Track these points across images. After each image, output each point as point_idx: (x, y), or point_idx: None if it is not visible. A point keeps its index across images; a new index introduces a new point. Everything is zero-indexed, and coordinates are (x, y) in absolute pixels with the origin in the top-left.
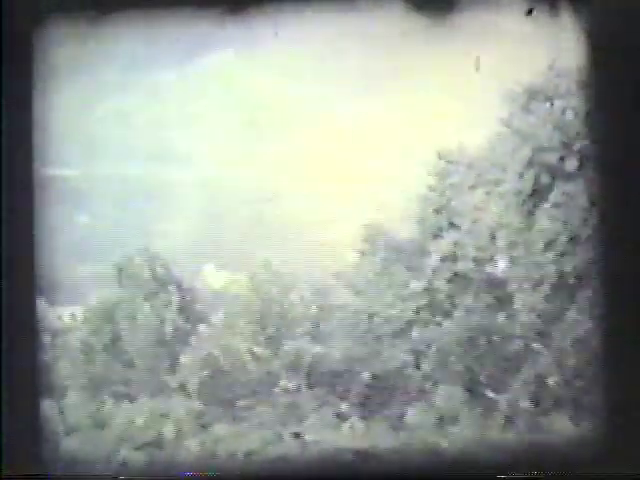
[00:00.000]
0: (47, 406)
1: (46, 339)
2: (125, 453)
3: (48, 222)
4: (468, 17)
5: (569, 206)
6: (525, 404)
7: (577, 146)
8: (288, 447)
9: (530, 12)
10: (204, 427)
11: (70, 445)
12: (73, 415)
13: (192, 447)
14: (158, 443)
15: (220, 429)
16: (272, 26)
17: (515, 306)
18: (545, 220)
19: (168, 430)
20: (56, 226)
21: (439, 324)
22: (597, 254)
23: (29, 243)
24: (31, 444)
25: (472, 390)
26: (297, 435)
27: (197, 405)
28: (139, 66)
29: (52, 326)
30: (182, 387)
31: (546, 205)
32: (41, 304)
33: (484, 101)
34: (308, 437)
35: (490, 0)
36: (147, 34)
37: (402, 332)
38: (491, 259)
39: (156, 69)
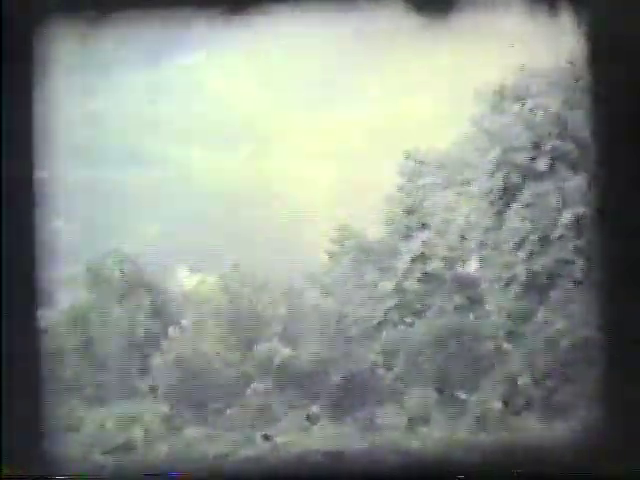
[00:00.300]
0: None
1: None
2: (98, 456)
3: (26, 224)
4: (466, 18)
5: (539, 206)
6: (496, 404)
7: (548, 146)
8: (259, 449)
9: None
10: (175, 430)
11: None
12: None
13: (163, 450)
14: (129, 446)
15: (191, 432)
16: (272, 26)
17: (486, 306)
18: (515, 220)
19: (139, 433)
20: (31, 228)
21: (410, 325)
22: (596, 254)
23: (25, 246)
24: (31, 444)
25: (443, 391)
26: (267, 437)
27: (168, 408)
28: (116, 68)
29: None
30: (153, 390)
31: (516, 205)
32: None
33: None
34: (279, 439)
35: (489, 1)
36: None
37: (373, 333)
38: (461, 259)
39: (130, 71)
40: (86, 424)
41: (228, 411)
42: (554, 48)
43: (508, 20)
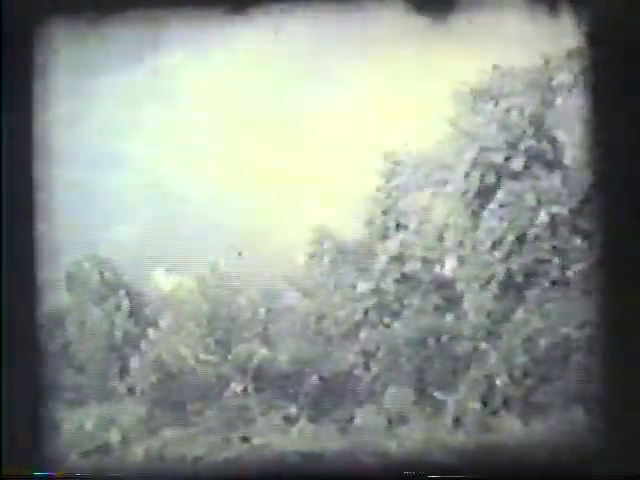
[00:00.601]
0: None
1: None
2: (76, 458)
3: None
4: (467, 18)
5: (515, 205)
6: (474, 404)
7: (523, 145)
8: (237, 450)
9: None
10: (153, 431)
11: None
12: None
13: (141, 451)
14: (107, 448)
15: (169, 433)
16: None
17: (463, 306)
18: (492, 219)
19: (116, 435)
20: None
21: (388, 325)
22: (596, 255)
23: (22, 247)
24: (31, 444)
25: (421, 391)
26: (246, 438)
27: (146, 409)
28: (114, 68)
29: None
30: (131, 391)
31: (492, 205)
32: None
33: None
34: (257, 440)
35: (489, 1)
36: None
37: (351, 333)
38: (439, 259)
39: (107, 71)
40: (64, 425)
41: (206, 412)
42: (551, 48)
43: (508, 21)
